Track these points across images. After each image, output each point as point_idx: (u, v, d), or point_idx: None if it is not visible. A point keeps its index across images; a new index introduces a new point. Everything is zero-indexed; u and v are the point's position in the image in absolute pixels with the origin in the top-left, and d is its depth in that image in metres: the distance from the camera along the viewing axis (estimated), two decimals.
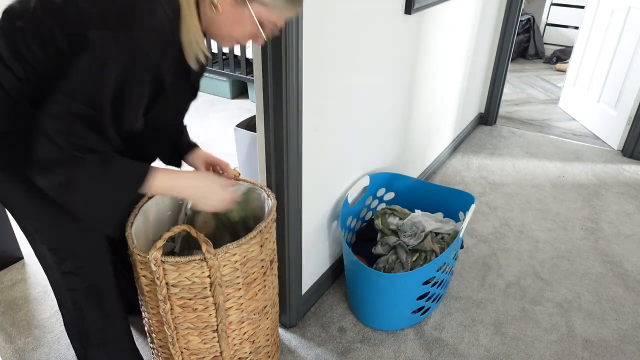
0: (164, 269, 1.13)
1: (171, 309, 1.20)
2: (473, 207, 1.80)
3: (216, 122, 3.47)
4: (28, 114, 1.00)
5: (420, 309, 1.75)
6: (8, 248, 1.98)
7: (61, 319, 1.51)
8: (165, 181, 1.06)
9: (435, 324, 1.80)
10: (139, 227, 1.27)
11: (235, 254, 1.18)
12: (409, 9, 1.81)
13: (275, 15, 1.02)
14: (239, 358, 1.36)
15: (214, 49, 3.73)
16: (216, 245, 1.16)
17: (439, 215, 1.97)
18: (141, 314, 1.38)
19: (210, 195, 1.16)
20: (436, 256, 1.74)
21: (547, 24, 5.23)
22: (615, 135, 3.20)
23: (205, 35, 1.06)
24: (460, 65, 2.71)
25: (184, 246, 1.39)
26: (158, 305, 1.21)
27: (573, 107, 3.72)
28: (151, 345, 1.40)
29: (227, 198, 1.19)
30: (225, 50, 3.66)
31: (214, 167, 1.37)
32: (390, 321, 1.75)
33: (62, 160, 0.92)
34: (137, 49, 0.90)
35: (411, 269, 1.73)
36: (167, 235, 1.13)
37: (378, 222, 1.92)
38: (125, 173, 1.01)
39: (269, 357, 1.49)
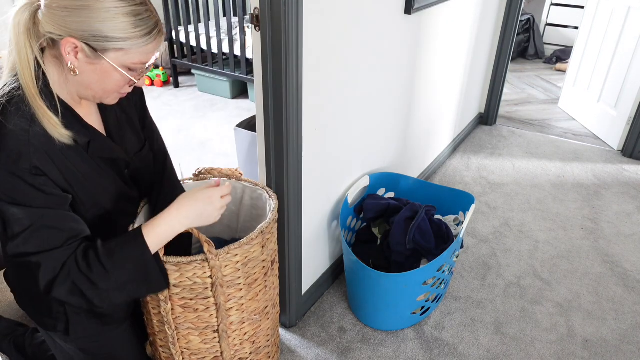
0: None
1: (172, 309, 1.20)
2: (473, 207, 1.80)
3: (216, 122, 3.47)
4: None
5: (420, 309, 1.75)
6: None
7: None
8: (155, 231, 1.03)
9: (435, 324, 1.80)
10: None
11: (236, 255, 1.18)
12: (409, 9, 1.81)
13: (137, 55, 0.93)
14: (240, 358, 1.36)
15: (214, 49, 3.73)
16: None
17: (439, 216, 1.97)
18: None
19: (207, 210, 1.09)
20: None
21: (547, 24, 5.23)
22: (615, 135, 3.21)
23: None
24: (460, 65, 2.71)
25: None
26: (159, 305, 1.21)
27: (573, 107, 3.72)
28: (152, 345, 1.41)
29: (223, 203, 1.11)
30: (226, 50, 3.65)
31: None
32: (390, 321, 1.75)
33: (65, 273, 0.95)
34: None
35: None
36: None
37: (376, 231, 1.91)
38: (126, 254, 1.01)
39: (269, 357, 1.50)
